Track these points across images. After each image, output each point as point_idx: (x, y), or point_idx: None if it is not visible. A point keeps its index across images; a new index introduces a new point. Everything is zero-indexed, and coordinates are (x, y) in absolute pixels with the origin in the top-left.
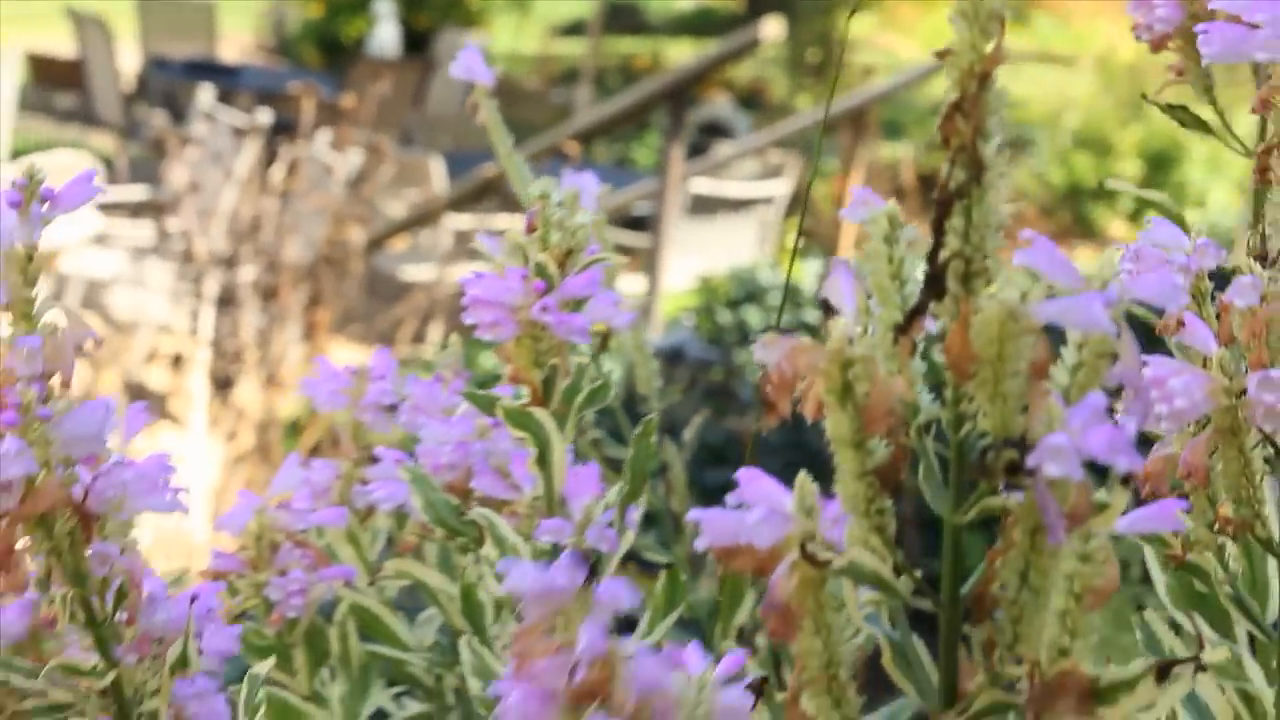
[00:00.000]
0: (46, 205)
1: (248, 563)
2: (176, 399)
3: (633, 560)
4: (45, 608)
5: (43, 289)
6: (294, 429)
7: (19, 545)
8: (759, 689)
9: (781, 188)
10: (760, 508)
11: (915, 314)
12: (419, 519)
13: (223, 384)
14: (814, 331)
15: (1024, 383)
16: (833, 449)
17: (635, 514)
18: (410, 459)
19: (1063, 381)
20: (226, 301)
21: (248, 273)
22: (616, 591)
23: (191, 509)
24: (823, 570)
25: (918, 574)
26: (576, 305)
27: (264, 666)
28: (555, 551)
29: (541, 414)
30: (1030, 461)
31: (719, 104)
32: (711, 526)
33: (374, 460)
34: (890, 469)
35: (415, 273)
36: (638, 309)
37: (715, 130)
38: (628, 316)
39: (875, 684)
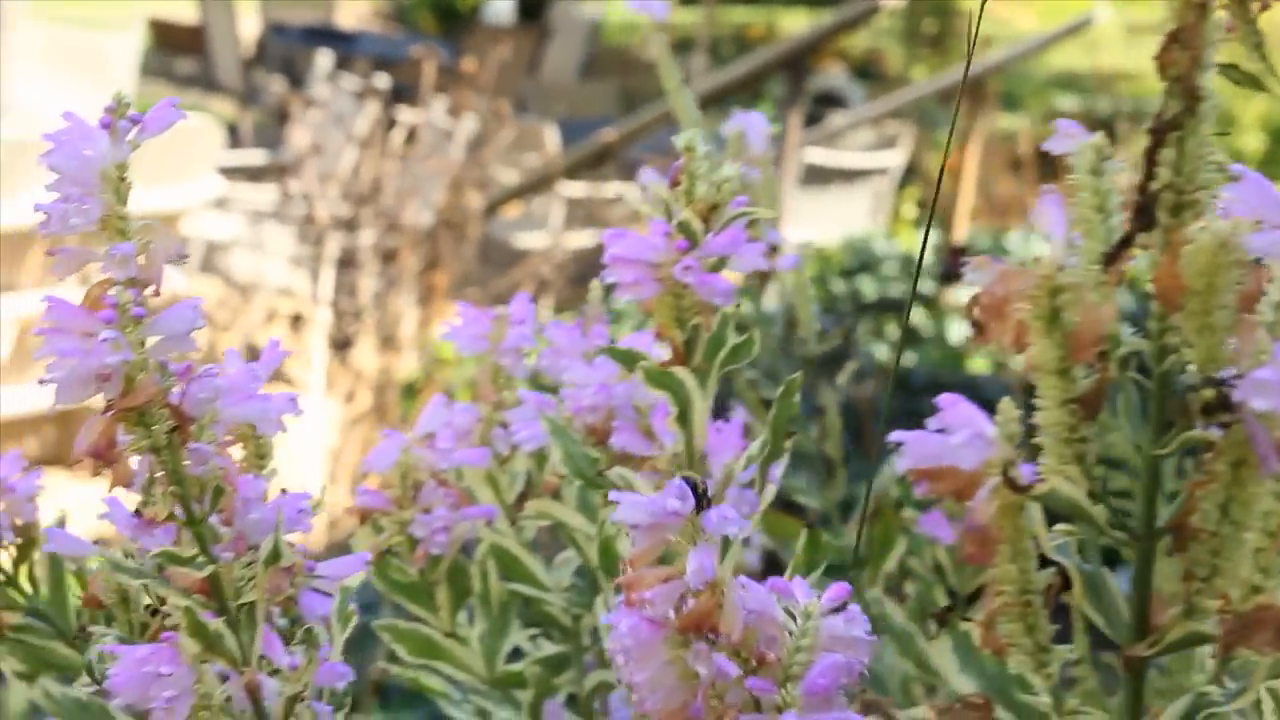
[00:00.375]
0: (136, 129)
1: (393, 501)
2: (295, 361)
3: (782, 504)
4: (146, 509)
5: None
6: (410, 391)
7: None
8: (943, 618)
9: (896, 158)
10: (964, 431)
11: (1124, 244)
12: (559, 465)
13: (340, 346)
14: (930, 303)
15: (1232, 315)
16: (1035, 377)
17: (777, 471)
18: (553, 402)
19: (1269, 316)
20: (345, 264)
21: (367, 236)
22: (725, 519)
23: (309, 470)
24: (1023, 495)
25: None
26: (720, 264)
27: (356, 579)
28: None
29: (683, 373)
30: (1237, 395)
31: (833, 75)
32: (914, 448)
33: (514, 404)
34: (1093, 398)
35: (529, 240)
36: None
37: (829, 101)
38: (791, 259)
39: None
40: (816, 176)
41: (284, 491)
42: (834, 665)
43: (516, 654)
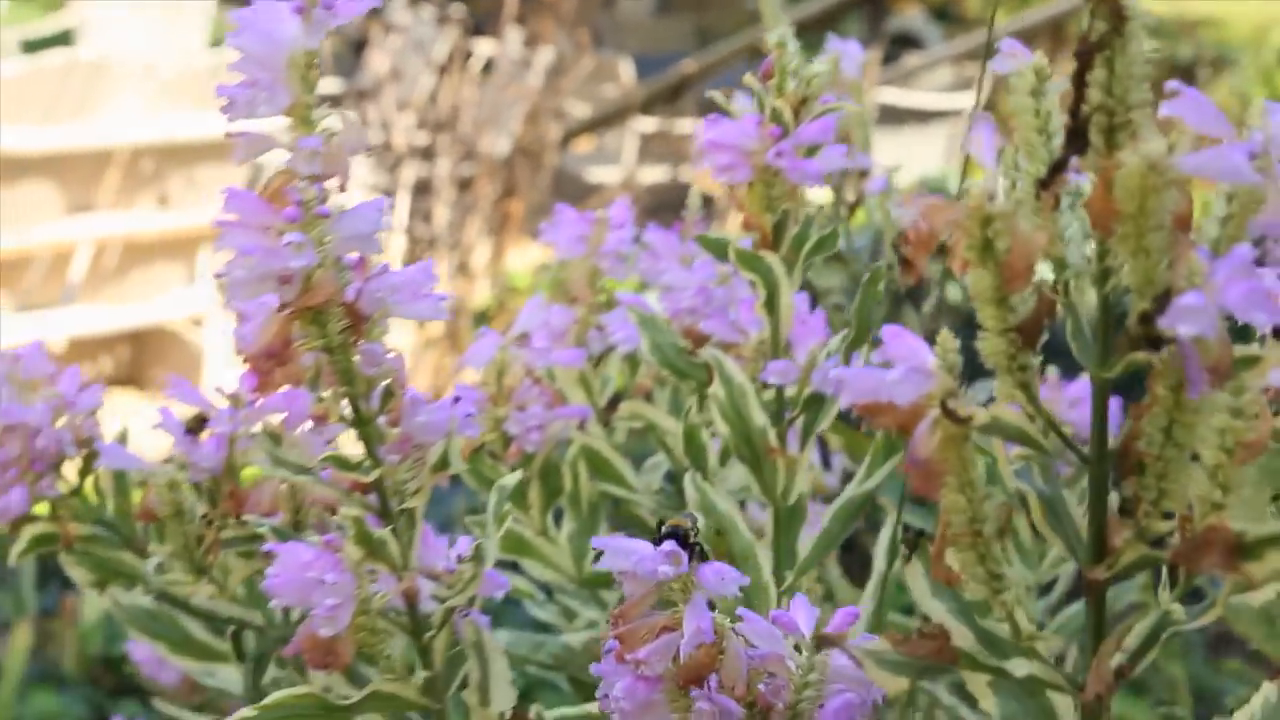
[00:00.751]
0: (329, 11)
1: (488, 398)
2: None
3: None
4: (315, 406)
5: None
6: (482, 319)
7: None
8: (914, 543)
9: (970, 100)
10: (901, 365)
11: (1056, 169)
12: (651, 364)
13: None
14: None
15: (1167, 237)
16: (976, 306)
17: (859, 360)
18: (649, 303)
19: (1212, 234)
20: (421, 191)
21: (444, 164)
22: (720, 575)
23: None
24: (964, 427)
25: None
26: (810, 152)
27: (512, 479)
28: (779, 395)
29: (771, 258)
30: (1164, 322)
31: (911, 15)
32: (853, 384)
33: (611, 306)
34: (1032, 325)
35: (601, 174)
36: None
37: (906, 42)
38: (880, 181)
39: None
40: (891, 117)
41: (456, 398)
42: (846, 705)
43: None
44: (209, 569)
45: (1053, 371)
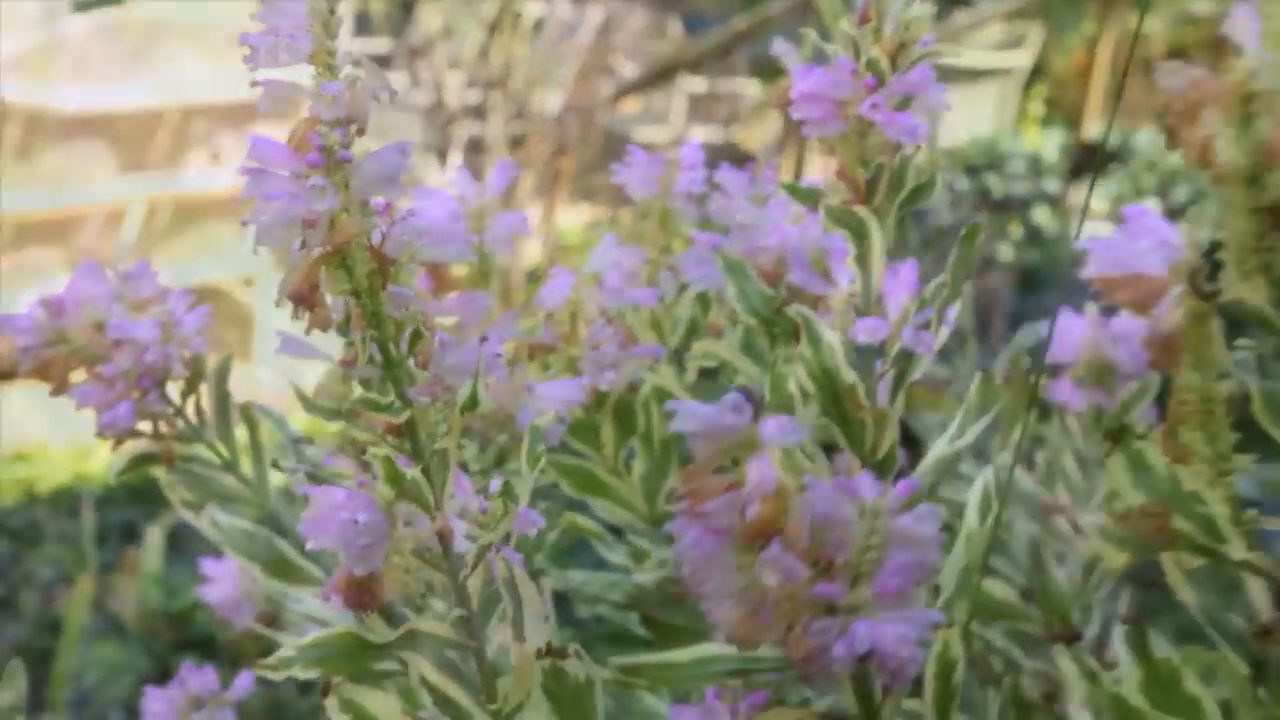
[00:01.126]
0: None
1: (561, 337)
2: None
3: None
4: (344, 350)
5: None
6: (533, 277)
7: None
8: (1117, 437)
9: (1021, 59)
10: (1150, 237)
11: None
12: (732, 306)
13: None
14: (1055, 202)
15: None
16: (1224, 187)
17: (953, 313)
18: (725, 242)
19: None
20: (473, 149)
21: (495, 121)
22: (783, 427)
23: None
24: (1210, 303)
25: None
26: (905, 103)
27: (546, 419)
28: (865, 350)
29: (864, 212)
30: None
31: None
32: (1101, 253)
33: (684, 245)
34: None
35: (650, 134)
36: None
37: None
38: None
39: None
40: (939, 76)
41: (483, 338)
42: (905, 565)
43: (673, 498)
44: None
45: None
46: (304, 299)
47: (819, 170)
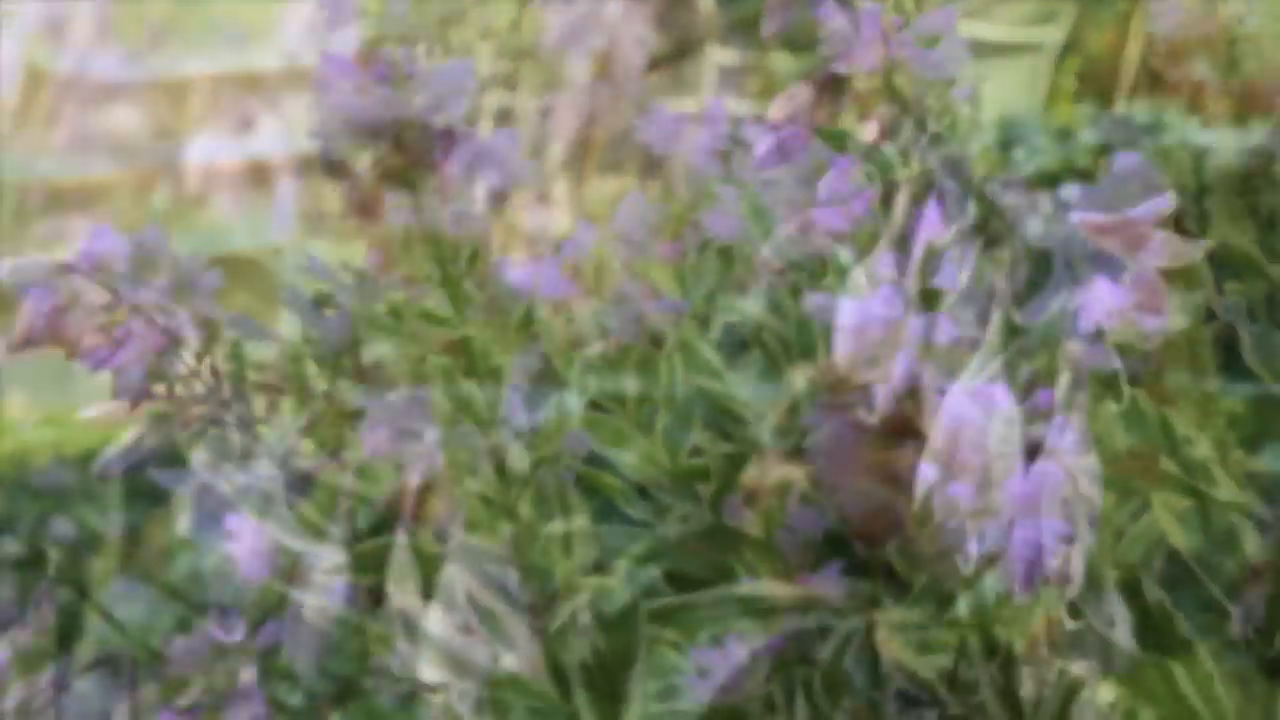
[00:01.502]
0: None
1: (584, 290)
2: None
3: None
4: (404, 266)
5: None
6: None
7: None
8: (1108, 381)
9: (1053, 34)
10: (1138, 181)
11: None
12: (762, 256)
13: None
14: (1087, 176)
15: None
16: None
17: (973, 254)
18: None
19: None
20: (503, 119)
21: (525, 91)
22: (936, 325)
23: None
24: (1193, 244)
25: None
26: (932, 43)
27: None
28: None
29: (889, 149)
30: None
31: None
32: (1088, 200)
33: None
34: (1269, 152)
35: (679, 107)
36: None
37: None
38: (965, 91)
39: None
40: (970, 48)
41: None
42: (1039, 472)
43: (696, 452)
44: (330, 444)
45: None
46: (366, 214)
47: None
